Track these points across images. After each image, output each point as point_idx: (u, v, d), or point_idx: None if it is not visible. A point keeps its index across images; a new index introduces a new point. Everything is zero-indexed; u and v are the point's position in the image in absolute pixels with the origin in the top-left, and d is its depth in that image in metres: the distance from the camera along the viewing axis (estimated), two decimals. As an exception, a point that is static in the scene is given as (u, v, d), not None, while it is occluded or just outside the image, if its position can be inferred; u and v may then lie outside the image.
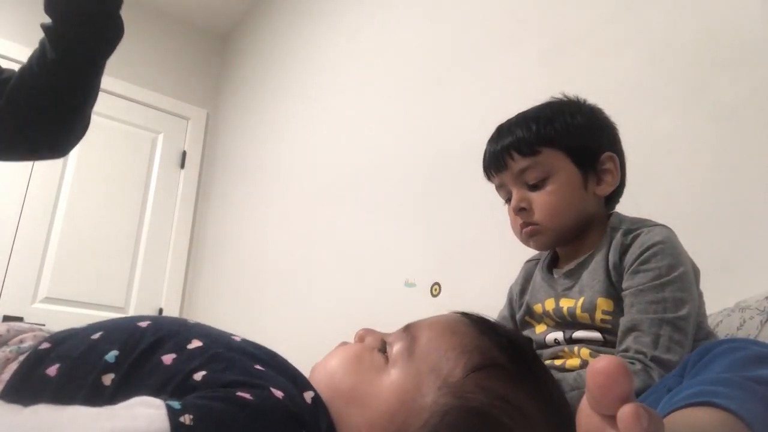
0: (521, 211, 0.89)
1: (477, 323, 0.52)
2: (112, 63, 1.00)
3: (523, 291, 0.98)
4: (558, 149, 0.88)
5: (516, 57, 1.74)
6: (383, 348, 0.52)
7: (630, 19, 1.47)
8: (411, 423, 0.46)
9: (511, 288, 1.02)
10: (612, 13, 1.52)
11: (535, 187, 0.88)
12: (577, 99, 0.94)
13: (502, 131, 0.94)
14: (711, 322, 0.93)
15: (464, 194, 1.76)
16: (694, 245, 0.83)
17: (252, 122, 3.10)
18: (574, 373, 0.77)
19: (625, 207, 0.96)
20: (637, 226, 0.84)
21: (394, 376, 0.49)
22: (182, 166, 3.30)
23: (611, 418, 0.34)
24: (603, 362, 0.34)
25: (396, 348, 0.51)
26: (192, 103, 3.41)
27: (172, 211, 3.19)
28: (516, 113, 0.97)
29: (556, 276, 0.92)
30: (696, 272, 0.83)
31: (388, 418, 0.46)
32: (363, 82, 2.39)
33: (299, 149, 2.67)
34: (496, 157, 0.92)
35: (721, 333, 0.89)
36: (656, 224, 0.84)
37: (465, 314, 0.54)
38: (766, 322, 0.85)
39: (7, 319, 2.51)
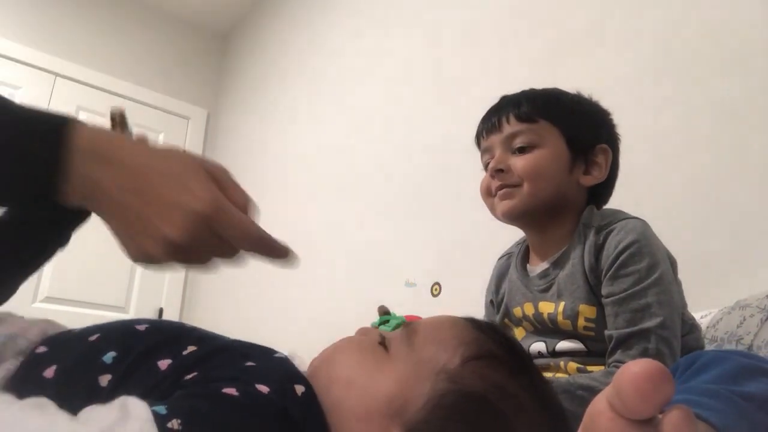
0: (498, 173, 0.86)
1: (473, 322, 0.54)
2: (113, 63, 0.98)
3: (498, 289, 0.95)
4: (555, 125, 0.86)
5: (516, 56, 1.74)
6: (383, 342, 0.53)
7: (631, 18, 1.47)
8: (408, 408, 0.47)
9: (486, 294, 0.99)
10: (613, 13, 1.52)
11: (521, 152, 0.85)
12: (588, 95, 0.93)
13: (505, 98, 0.91)
14: (711, 320, 0.93)
15: (464, 194, 1.76)
16: (693, 244, 0.83)
17: (252, 122, 3.10)
18: (565, 377, 0.76)
19: (626, 205, 0.96)
20: (607, 221, 0.81)
21: (394, 364, 0.50)
22: (182, 166, 3.29)
23: (640, 423, 0.32)
24: (644, 365, 0.31)
25: (396, 340, 0.52)
26: (192, 103, 3.40)
27: (173, 211, 3.19)
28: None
29: (531, 275, 0.89)
30: (673, 263, 0.81)
31: (386, 402, 0.47)
32: (363, 82, 2.39)
33: (299, 149, 2.67)
34: (492, 119, 0.89)
35: (721, 331, 0.89)
36: (627, 217, 0.82)
37: (462, 317, 0.56)
38: (766, 320, 0.85)
39: (7, 319, 2.51)
